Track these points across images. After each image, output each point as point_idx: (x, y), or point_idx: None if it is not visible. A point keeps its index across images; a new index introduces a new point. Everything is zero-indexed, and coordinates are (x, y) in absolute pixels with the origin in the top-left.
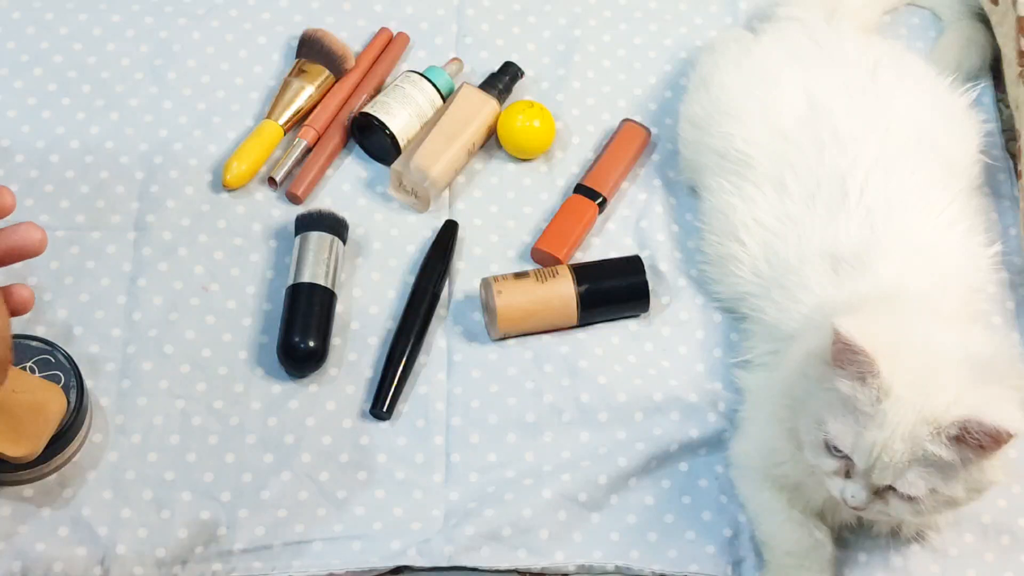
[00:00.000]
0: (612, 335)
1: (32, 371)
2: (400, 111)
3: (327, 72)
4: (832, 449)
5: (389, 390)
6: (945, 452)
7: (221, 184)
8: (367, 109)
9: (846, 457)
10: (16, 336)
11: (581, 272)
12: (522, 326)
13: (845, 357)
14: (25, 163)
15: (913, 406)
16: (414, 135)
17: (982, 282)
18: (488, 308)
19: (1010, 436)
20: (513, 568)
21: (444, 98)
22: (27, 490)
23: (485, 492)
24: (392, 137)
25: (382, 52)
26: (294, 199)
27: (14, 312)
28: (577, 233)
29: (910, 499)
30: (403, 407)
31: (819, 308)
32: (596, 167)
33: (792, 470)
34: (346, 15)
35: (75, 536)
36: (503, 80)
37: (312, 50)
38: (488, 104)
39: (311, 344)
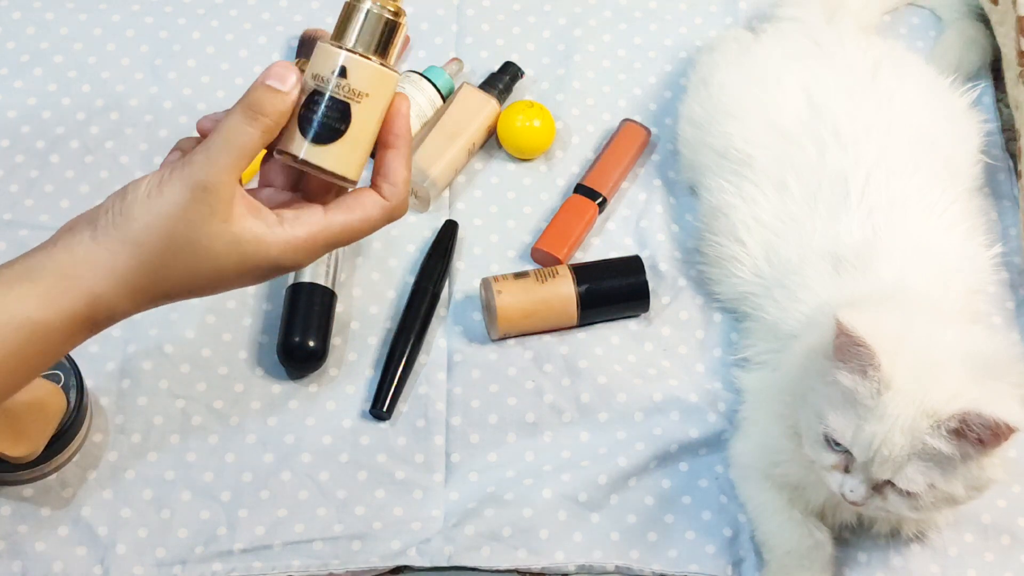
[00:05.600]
0: (612, 335)
1: None
2: None
3: None
4: (832, 443)
5: (389, 390)
6: (944, 446)
7: None
8: None
9: (846, 451)
10: None
11: (581, 272)
12: (522, 326)
13: (847, 350)
14: (25, 163)
15: (913, 399)
16: (414, 135)
17: (982, 282)
18: (488, 308)
19: (1010, 430)
20: (513, 568)
21: (444, 98)
22: (27, 490)
23: (485, 492)
24: None
25: None
26: None
27: None
28: (577, 233)
29: (909, 495)
30: (403, 407)
31: (820, 308)
32: (596, 167)
33: (792, 470)
34: None
35: (75, 536)
36: (503, 80)
37: (312, 50)
38: (488, 104)
39: (311, 344)
